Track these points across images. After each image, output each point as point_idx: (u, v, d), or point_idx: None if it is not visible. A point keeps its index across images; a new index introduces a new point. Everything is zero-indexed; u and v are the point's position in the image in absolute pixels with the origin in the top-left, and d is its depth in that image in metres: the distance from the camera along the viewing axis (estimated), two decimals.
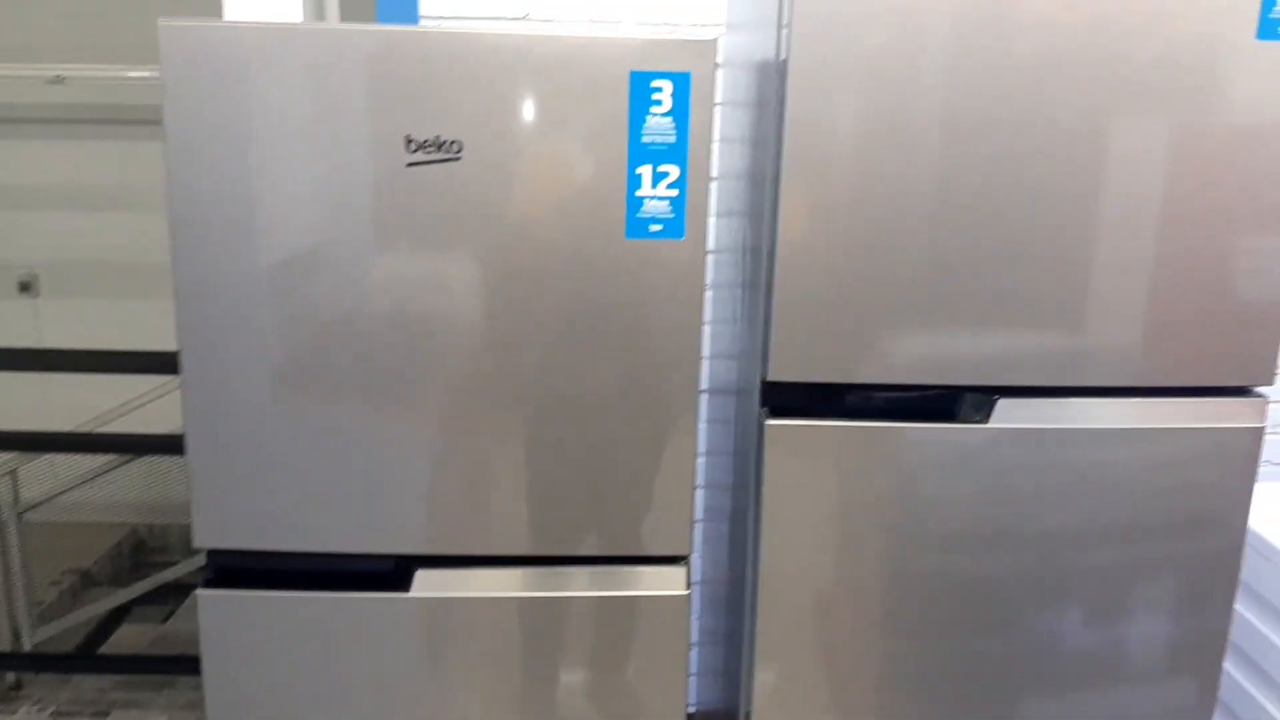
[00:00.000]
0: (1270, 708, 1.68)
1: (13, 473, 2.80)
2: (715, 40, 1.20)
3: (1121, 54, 1.24)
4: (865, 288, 1.29)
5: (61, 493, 2.93)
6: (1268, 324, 1.34)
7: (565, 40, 1.20)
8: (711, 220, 1.92)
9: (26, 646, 2.85)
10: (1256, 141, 1.28)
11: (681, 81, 1.19)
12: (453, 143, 1.20)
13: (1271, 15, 1.22)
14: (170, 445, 2.75)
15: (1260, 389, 1.37)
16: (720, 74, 1.86)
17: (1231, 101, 1.27)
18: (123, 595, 3.04)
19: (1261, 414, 1.36)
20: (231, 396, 1.28)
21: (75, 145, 3.77)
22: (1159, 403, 1.36)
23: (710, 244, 1.92)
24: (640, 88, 1.19)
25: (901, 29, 1.22)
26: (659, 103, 1.19)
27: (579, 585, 1.37)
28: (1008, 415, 1.34)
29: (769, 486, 1.35)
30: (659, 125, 1.20)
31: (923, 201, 1.27)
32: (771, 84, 1.30)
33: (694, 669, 2.19)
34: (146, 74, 3.30)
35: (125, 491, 3.02)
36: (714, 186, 1.91)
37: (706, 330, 1.97)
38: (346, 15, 1.95)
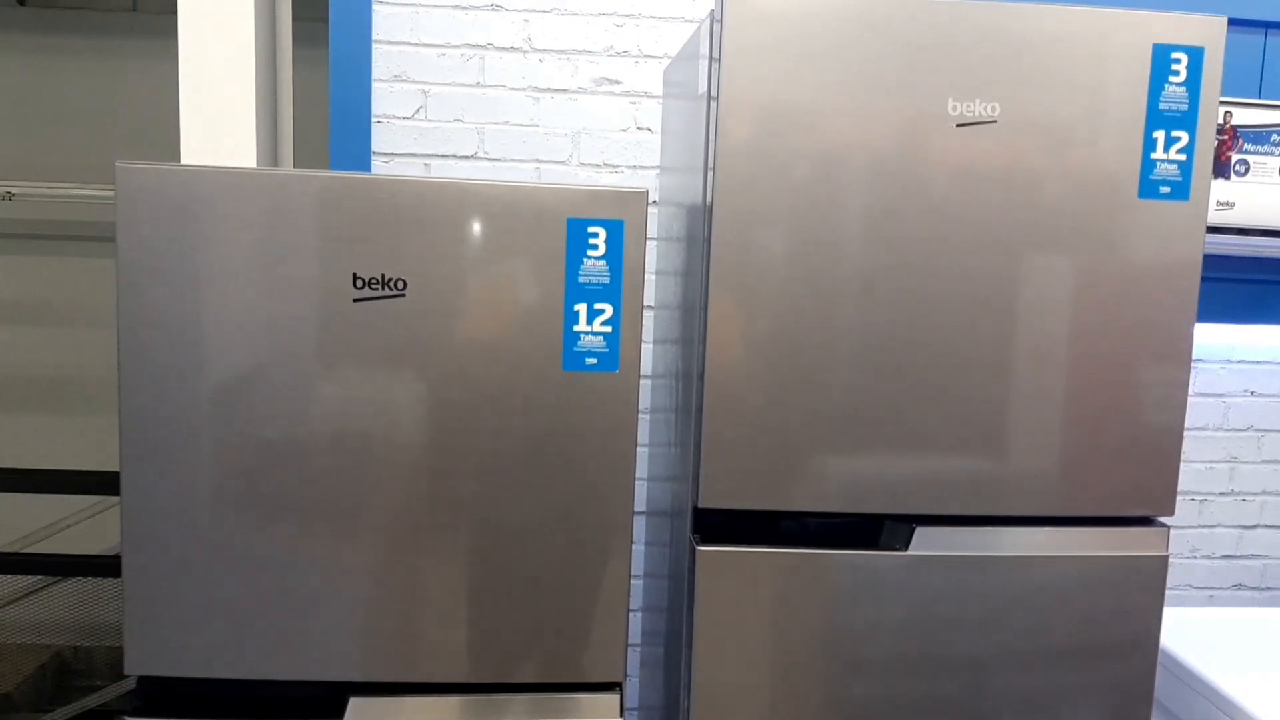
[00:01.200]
0: None
1: None
2: (646, 192, 1.29)
3: (1025, 198, 1.35)
4: (789, 416, 1.36)
5: None
6: (1166, 456, 1.42)
7: (506, 188, 1.28)
8: (649, 347, 2.00)
9: None
10: (1146, 285, 1.38)
11: (615, 228, 1.27)
12: (397, 280, 1.26)
13: (1151, 177, 1.34)
14: (100, 567, 2.70)
15: (1162, 519, 1.45)
16: (657, 212, 1.96)
17: (1122, 248, 1.37)
18: None
19: (1165, 542, 1.44)
20: (170, 518, 1.29)
21: (19, 260, 3.78)
22: (1071, 531, 1.42)
23: (649, 370, 2.00)
24: (577, 233, 1.27)
25: (820, 173, 1.32)
26: (595, 247, 1.27)
27: (514, 713, 1.37)
28: (926, 542, 1.39)
29: (700, 611, 1.38)
30: (594, 267, 1.28)
31: (844, 335, 1.35)
32: (699, 223, 1.39)
33: None
34: (95, 193, 3.35)
35: (51, 613, 2.94)
36: (652, 315, 1.99)
37: (645, 453, 2.02)
38: (300, 157, 2.03)
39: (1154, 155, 1.34)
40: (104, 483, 2.41)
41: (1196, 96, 1.34)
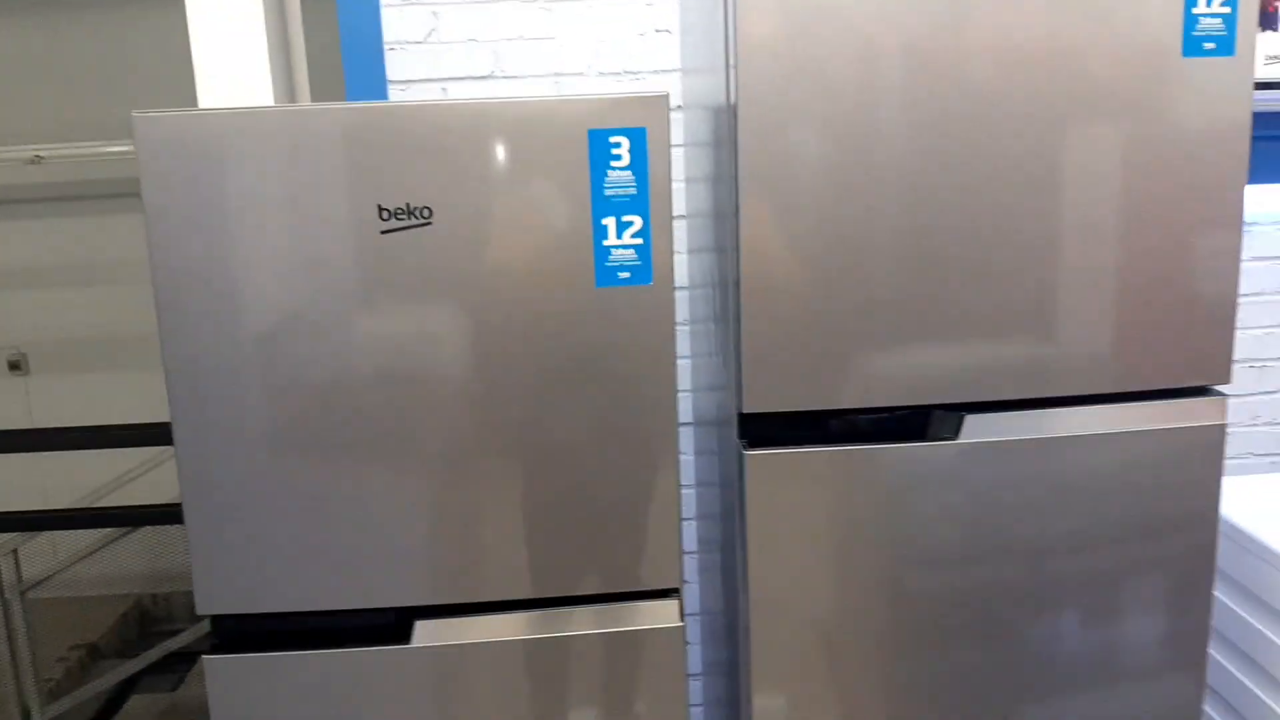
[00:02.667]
0: (1254, 688, 1.72)
1: (14, 552, 2.82)
2: (666, 95, 1.25)
3: (1067, 71, 1.29)
4: (830, 315, 1.34)
5: (63, 569, 2.95)
6: (1220, 324, 1.38)
7: (523, 104, 1.25)
8: (684, 258, 1.97)
9: None
10: (1194, 149, 1.33)
11: (638, 136, 1.24)
12: (422, 209, 1.25)
13: (1194, 33, 1.28)
14: (168, 515, 2.77)
15: (1219, 387, 1.41)
16: (681, 117, 1.92)
17: (1168, 113, 1.32)
18: (131, 667, 3.05)
19: (1222, 412, 1.41)
20: (225, 464, 1.32)
21: (56, 222, 3.82)
22: (1124, 408, 1.40)
23: (685, 281, 1.98)
24: (599, 145, 1.24)
25: (851, 61, 1.27)
26: (618, 157, 1.24)
27: (576, 624, 1.40)
28: (976, 430, 1.38)
29: (751, 515, 1.39)
30: (619, 179, 1.25)
31: (882, 226, 1.32)
32: (725, 125, 1.36)
33: (700, 700, 2.21)
34: (121, 149, 3.35)
35: (127, 563, 3.04)
36: (684, 225, 1.97)
37: (688, 365, 2.01)
38: (316, 89, 2.01)
39: (1195, 10, 1.28)
40: (160, 434, 2.46)
41: None
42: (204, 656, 1.36)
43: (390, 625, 1.38)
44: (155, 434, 2.46)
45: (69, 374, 3.90)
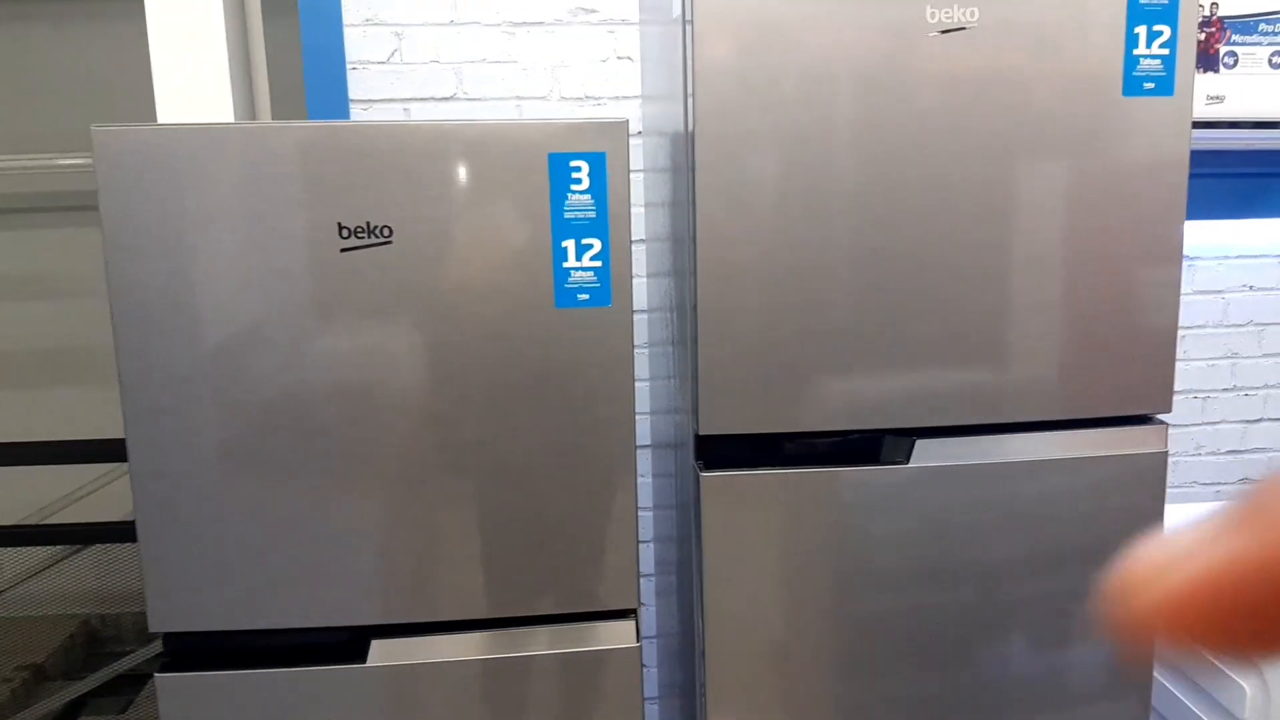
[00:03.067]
0: (1197, 711, 1.75)
1: None
2: (626, 122, 1.27)
3: (1011, 103, 1.33)
4: (785, 340, 1.36)
5: (9, 587, 2.89)
6: (1162, 354, 1.43)
7: (485, 126, 1.27)
8: (643, 281, 1.99)
9: None
10: (1135, 185, 1.38)
11: (597, 161, 1.26)
12: (383, 228, 1.26)
13: (1135, 73, 1.32)
14: (118, 533, 2.73)
15: (1161, 416, 1.46)
16: (641, 142, 1.95)
17: (1110, 148, 1.36)
18: (79, 688, 2.99)
19: (1164, 440, 1.45)
20: (179, 479, 1.31)
21: (5, 235, 3.76)
22: (1070, 435, 1.43)
23: (644, 304, 2.00)
24: (559, 168, 1.26)
25: (802, 91, 1.30)
26: (578, 181, 1.26)
27: (534, 644, 1.40)
28: (927, 454, 1.41)
29: (708, 536, 1.40)
30: (579, 202, 1.27)
31: (836, 253, 1.35)
32: (683, 151, 1.38)
33: None
34: (72, 161, 3.32)
35: (75, 582, 2.98)
36: (644, 249, 1.99)
37: (646, 387, 2.03)
38: (277, 107, 2.01)
39: (1136, 51, 1.32)
40: (109, 450, 2.43)
41: None
42: (156, 675, 1.35)
43: (345, 644, 1.37)
44: (107, 450, 2.43)
45: (13, 389, 3.83)
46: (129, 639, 3.60)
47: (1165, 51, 1.32)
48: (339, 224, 1.25)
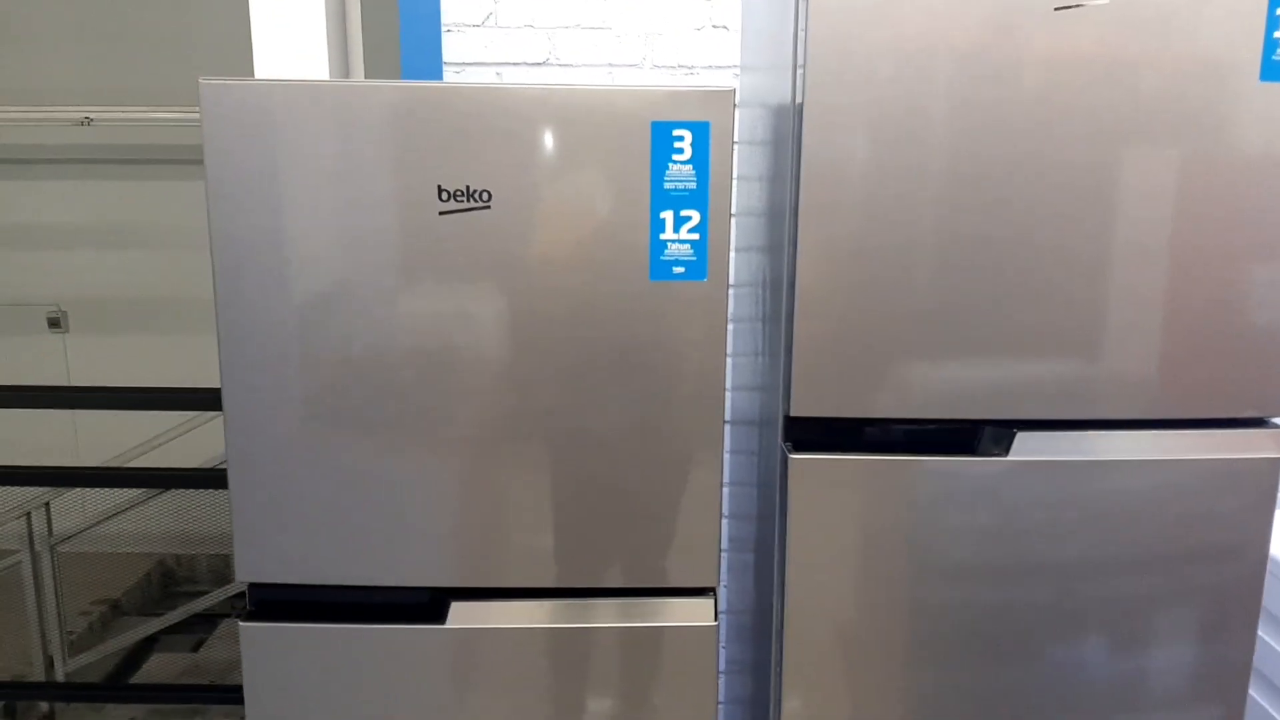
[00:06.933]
0: None
1: (46, 505, 2.86)
2: (733, 91, 1.24)
3: (1127, 87, 1.27)
4: (883, 323, 1.33)
5: (93, 525, 2.99)
6: (1276, 353, 1.36)
7: (587, 93, 1.24)
8: (731, 255, 1.96)
9: (59, 676, 2.90)
10: (1262, 175, 1.31)
11: (701, 131, 1.23)
12: (482, 192, 1.25)
13: (1275, 58, 1.25)
14: (199, 480, 2.80)
15: (1276, 420, 1.39)
16: (737, 114, 1.91)
17: (1236, 136, 1.29)
18: (153, 625, 3.09)
19: (1276, 444, 1.38)
20: (270, 434, 1.33)
21: (101, 185, 3.86)
22: (1176, 435, 1.38)
23: (732, 279, 1.96)
24: (661, 137, 1.23)
25: (912, 68, 1.26)
26: (680, 151, 1.24)
27: (608, 617, 1.40)
28: (1026, 448, 1.36)
29: (793, 519, 1.38)
30: (680, 173, 1.24)
31: (937, 236, 1.31)
32: (787, 125, 1.34)
33: (721, 698, 2.21)
34: (171, 115, 3.38)
35: (154, 523, 3.07)
36: (733, 223, 1.95)
37: (729, 363, 2.00)
38: (370, 67, 2.01)
39: (1278, 34, 1.25)
40: (200, 400, 2.48)
41: None
42: (241, 623, 1.37)
43: (424, 604, 1.38)
44: (199, 399, 2.48)
45: (107, 334, 3.94)
46: (202, 579, 3.72)
47: None
48: (439, 186, 1.24)
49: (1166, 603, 1.44)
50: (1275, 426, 1.39)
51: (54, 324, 3.95)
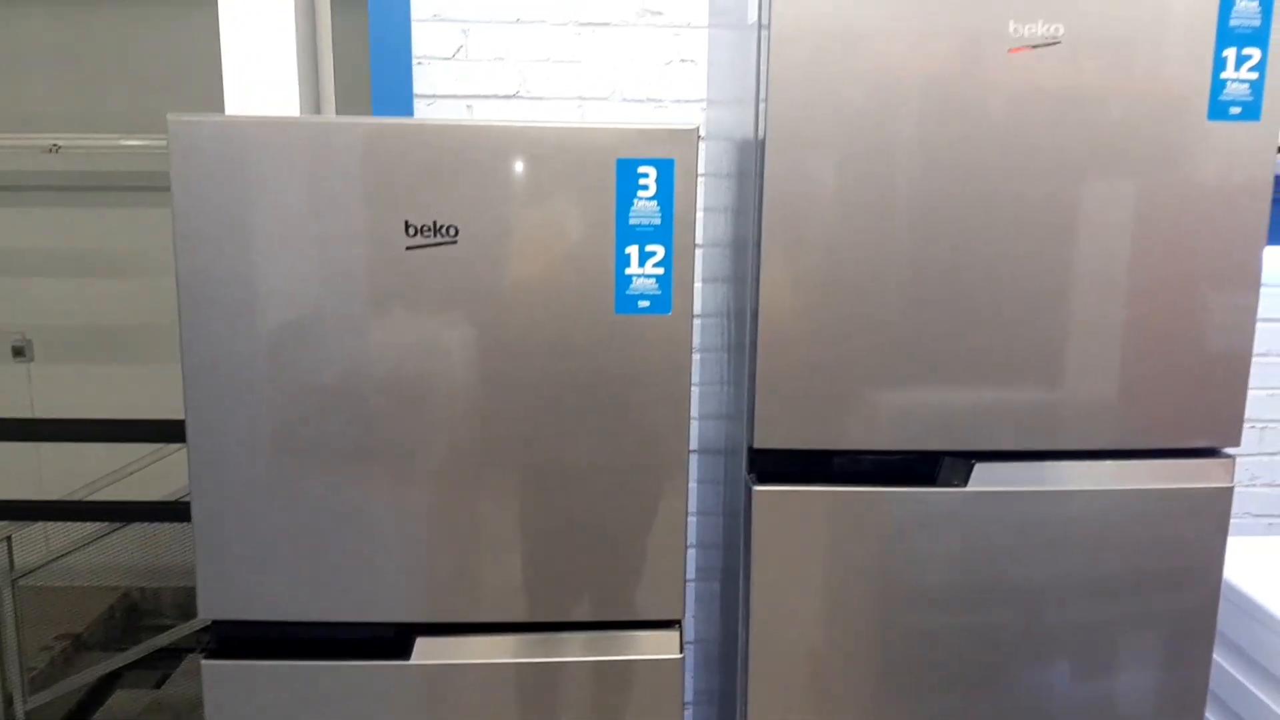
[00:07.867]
0: None
1: (7, 539, 2.82)
2: (696, 129, 1.26)
3: (1086, 121, 1.31)
4: (847, 355, 1.35)
5: (55, 559, 2.94)
6: (1233, 385, 1.39)
7: (554, 130, 1.26)
8: (698, 285, 1.98)
9: (19, 714, 2.84)
10: (1213, 209, 1.34)
11: (665, 167, 1.25)
12: (449, 227, 1.26)
13: (1221, 98, 1.29)
14: (163, 512, 2.77)
15: (1228, 450, 1.42)
16: (703, 147, 1.93)
17: (1189, 171, 1.33)
18: (116, 660, 3.04)
19: (1230, 474, 1.41)
20: (235, 467, 1.32)
21: (69, 212, 3.83)
22: (1132, 465, 1.40)
23: (698, 309, 1.98)
24: (626, 174, 1.25)
25: (875, 101, 1.29)
26: (645, 187, 1.25)
27: (574, 651, 1.40)
28: (986, 478, 1.38)
29: (758, 549, 1.39)
30: (645, 208, 1.26)
31: (899, 268, 1.33)
32: (750, 159, 1.37)
33: None
34: (139, 143, 3.36)
35: (118, 556, 3.03)
36: (700, 253, 1.97)
37: (695, 392, 2.01)
38: (340, 100, 2.02)
39: (1223, 75, 1.29)
40: (164, 431, 2.46)
41: (1269, 11, 1.28)
42: (203, 661, 1.36)
43: (389, 640, 1.37)
44: (164, 431, 2.46)
45: (72, 363, 3.89)
46: (167, 613, 3.66)
47: (1254, 76, 1.29)
48: (406, 222, 1.25)
49: (1126, 628, 1.46)
50: (1227, 456, 1.42)
51: (18, 352, 3.90)
